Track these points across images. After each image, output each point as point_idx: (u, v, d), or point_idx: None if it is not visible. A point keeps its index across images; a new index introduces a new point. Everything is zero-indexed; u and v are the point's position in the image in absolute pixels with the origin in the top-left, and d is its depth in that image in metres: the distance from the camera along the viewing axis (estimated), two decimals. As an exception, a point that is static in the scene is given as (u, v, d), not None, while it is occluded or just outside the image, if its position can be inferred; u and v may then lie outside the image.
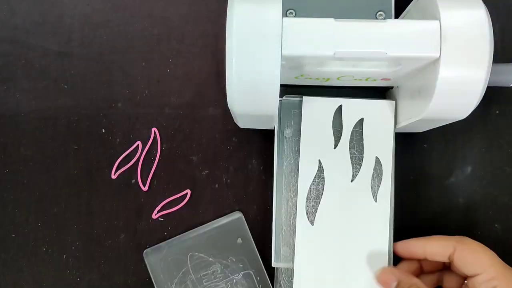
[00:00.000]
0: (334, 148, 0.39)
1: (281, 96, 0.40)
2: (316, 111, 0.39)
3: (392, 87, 0.41)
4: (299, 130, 0.39)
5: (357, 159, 0.39)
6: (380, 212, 0.38)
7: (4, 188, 0.44)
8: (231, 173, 0.43)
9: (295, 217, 0.38)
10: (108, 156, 0.43)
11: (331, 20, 0.30)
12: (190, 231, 0.42)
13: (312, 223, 0.38)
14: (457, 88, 0.31)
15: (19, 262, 0.43)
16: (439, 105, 0.32)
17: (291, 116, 0.40)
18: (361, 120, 0.39)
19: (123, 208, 0.43)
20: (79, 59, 0.45)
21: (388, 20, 0.31)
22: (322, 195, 0.39)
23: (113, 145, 0.44)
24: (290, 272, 0.38)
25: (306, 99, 0.39)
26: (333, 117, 0.39)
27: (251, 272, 0.41)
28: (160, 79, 0.44)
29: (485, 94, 0.32)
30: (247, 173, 0.43)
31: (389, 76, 0.37)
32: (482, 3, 0.31)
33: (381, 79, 0.38)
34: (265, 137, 0.42)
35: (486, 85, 0.31)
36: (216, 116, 0.44)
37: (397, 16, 0.40)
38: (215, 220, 0.42)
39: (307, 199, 0.39)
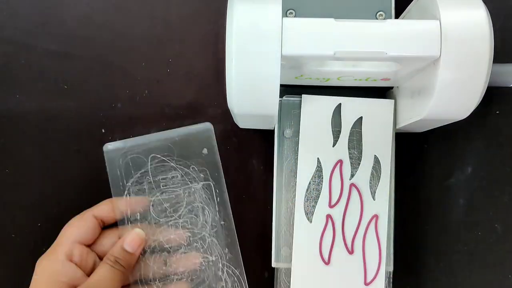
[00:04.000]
0: (333, 146, 0.39)
1: (281, 96, 0.40)
2: (315, 110, 0.39)
3: (392, 87, 0.41)
4: (299, 130, 0.39)
5: (356, 158, 0.39)
6: (379, 210, 0.38)
7: (4, 188, 0.44)
8: (231, 173, 0.43)
9: (294, 217, 0.38)
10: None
11: (331, 20, 0.30)
12: (156, 133, 0.40)
13: (311, 222, 0.38)
14: (457, 88, 0.31)
15: (19, 262, 0.43)
16: (439, 105, 0.32)
17: (291, 116, 0.40)
18: (360, 119, 0.39)
19: (123, 208, 0.43)
20: (79, 60, 0.44)
21: (388, 20, 0.31)
22: (320, 195, 0.39)
23: (113, 145, 0.44)
24: (290, 272, 0.38)
25: (305, 97, 0.39)
26: (332, 116, 0.39)
27: (211, 184, 0.39)
28: (160, 80, 0.44)
29: (485, 94, 0.32)
30: (247, 173, 0.43)
31: (389, 76, 0.37)
32: (482, 3, 0.31)
33: (381, 79, 0.37)
34: (265, 137, 0.42)
35: (486, 85, 0.31)
36: (216, 116, 0.44)
37: (397, 16, 0.40)
38: (183, 127, 0.40)
39: (306, 199, 0.39)
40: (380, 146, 0.39)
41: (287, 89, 0.40)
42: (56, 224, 0.43)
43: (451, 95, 0.31)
